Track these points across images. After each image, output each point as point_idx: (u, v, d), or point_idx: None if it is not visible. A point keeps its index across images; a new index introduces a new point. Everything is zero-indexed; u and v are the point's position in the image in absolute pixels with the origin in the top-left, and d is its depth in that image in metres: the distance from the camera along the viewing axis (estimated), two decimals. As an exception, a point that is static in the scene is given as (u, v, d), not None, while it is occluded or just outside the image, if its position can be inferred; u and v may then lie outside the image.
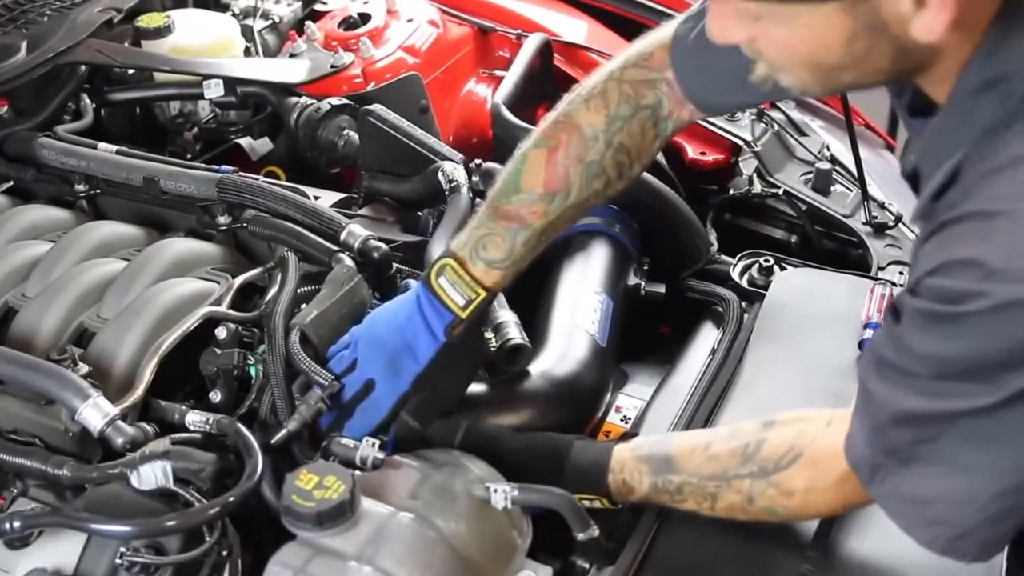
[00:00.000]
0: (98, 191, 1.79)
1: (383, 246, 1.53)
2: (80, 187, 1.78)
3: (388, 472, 1.20)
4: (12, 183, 1.84)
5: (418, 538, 1.10)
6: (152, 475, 1.18)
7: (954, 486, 0.98)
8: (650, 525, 1.27)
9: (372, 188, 1.82)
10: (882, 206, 1.79)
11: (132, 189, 1.75)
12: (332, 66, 2.03)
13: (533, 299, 1.54)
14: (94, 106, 2.03)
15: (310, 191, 1.70)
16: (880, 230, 1.76)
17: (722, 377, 1.49)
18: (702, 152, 1.98)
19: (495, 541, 1.16)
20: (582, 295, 1.55)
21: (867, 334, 1.46)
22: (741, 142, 1.94)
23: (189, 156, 2.08)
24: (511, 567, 1.15)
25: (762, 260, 1.69)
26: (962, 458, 0.97)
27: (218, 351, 1.39)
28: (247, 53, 2.21)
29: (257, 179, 1.68)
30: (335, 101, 1.94)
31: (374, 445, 1.22)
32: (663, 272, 1.68)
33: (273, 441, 1.26)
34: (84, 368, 1.33)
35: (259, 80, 2.00)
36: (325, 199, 1.71)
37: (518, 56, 2.10)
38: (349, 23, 2.21)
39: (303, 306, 1.43)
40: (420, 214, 1.77)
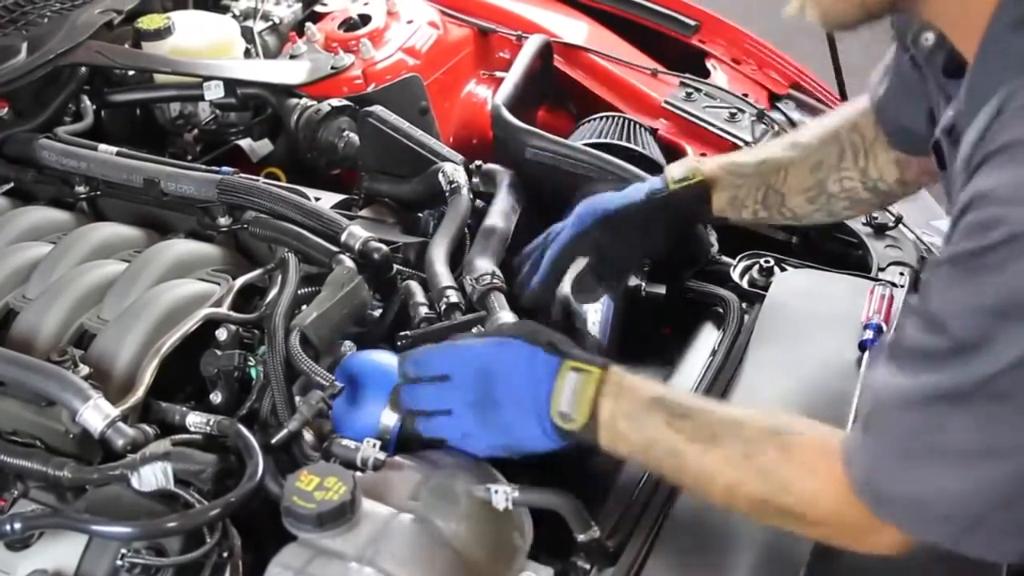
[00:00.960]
0: (98, 192, 1.79)
1: (384, 247, 1.53)
2: (80, 188, 1.79)
3: (389, 473, 1.20)
4: (12, 184, 1.84)
5: (419, 539, 1.10)
6: (153, 476, 1.18)
7: (962, 477, 0.96)
8: (651, 526, 1.27)
9: (372, 189, 1.82)
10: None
11: (132, 190, 1.75)
12: (332, 67, 2.03)
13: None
14: (94, 107, 2.03)
15: (310, 192, 1.70)
16: (880, 231, 1.75)
17: (723, 378, 1.49)
18: (702, 153, 1.98)
19: (496, 542, 1.16)
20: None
21: (867, 335, 1.46)
22: (741, 143, 1.94)
23: (189, 157, 2.08)
24: (512, 568, 1.15)
25: (762, 261, 1.68)
26: (970, 444, 0.94)
27: (219, 352, 1.39)
28: (247, 54, 2.21)
29: (257, 180, 1.68)
30: (335, 102, 1.94)
31: (375, 446, 1.22)
32: (663, 273, 1.68)
33: (274, 441, 1.26)
34: (84, 369, 1.33)
35: (259, 81, 2.00)
36: (325, 200, 1.71)
37: (518, 57, 2.10)
38: (349, 24, 2.21)
39: (304, 307, 1.43)
40: (420, 215, 1.77)
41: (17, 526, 1.15)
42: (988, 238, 0.89)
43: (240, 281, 1.51)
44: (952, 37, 1.02)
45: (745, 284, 1.66)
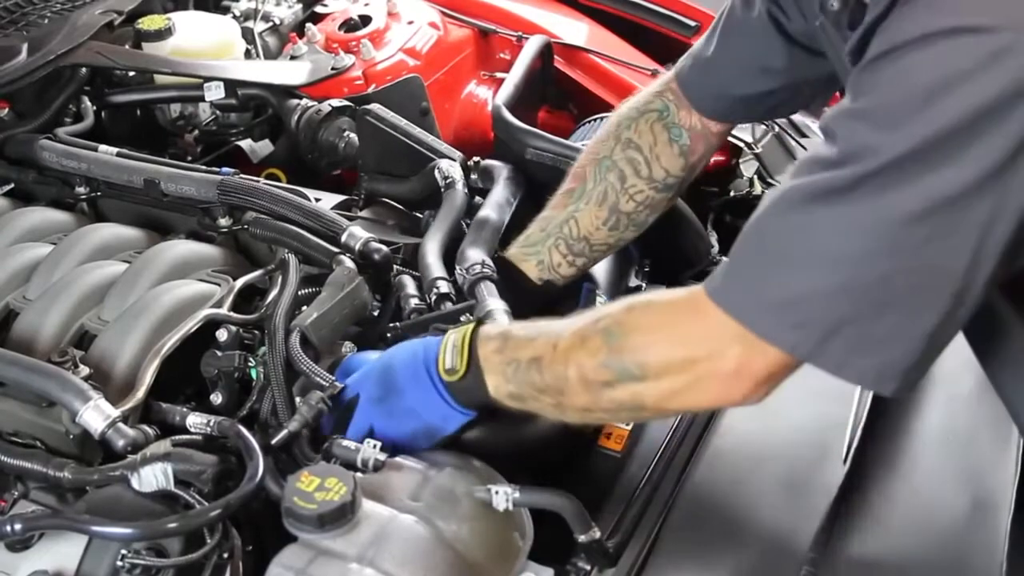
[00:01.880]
0: (99, 193, 1.79)
1: (384, 248, 1.53)
2: (81, 189, 1.79)
3: (389, 474, 1.20)
4: (13, 185, 1.84)
5: (419, 540, 1.10)
6: (153, 477, 1.18)
7: (821, 280, 0.99)
8: (652, 527, 1.27)
9: (372, 189, 1.82)
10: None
11: (133, 191, 1.75)
12: (333, 68, 2.03)
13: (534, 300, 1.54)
14: (95, 108, 2.04)
15: (311, 193, 1.70)
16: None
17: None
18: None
19: (497, 543, 1.16)
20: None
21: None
22: (742, 143, 1.94)
23: (190, 158, 2.08)
24: (513, 569, 1.15)
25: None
26: (832, 247, 0.98)
27: (219, 353, 1.39)
28: (248, 55, 2.21)
29: (258, 181, 1.68)
30: (336, 103, 1.94)
31: (375, 447, 1.22)
32: (664, 274, 1.69)
33: (273, 442, 1.26)
34: (85, 370, 1.33)
35: (260, 82, 2.00)
36: (326, 201, 1.71)
37: (519, 58, 2.11)
38: (350, 25, 2.21)
39: (304, 308, 1.43)
40: (421, 215, 1.77)
41: (18, 527, 1.15)
42: (871, 57, 0.97)
43: (240, 282, 1.50)
44: None
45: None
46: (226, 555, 1.17)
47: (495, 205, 1.66)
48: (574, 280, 1.54)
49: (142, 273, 1.51)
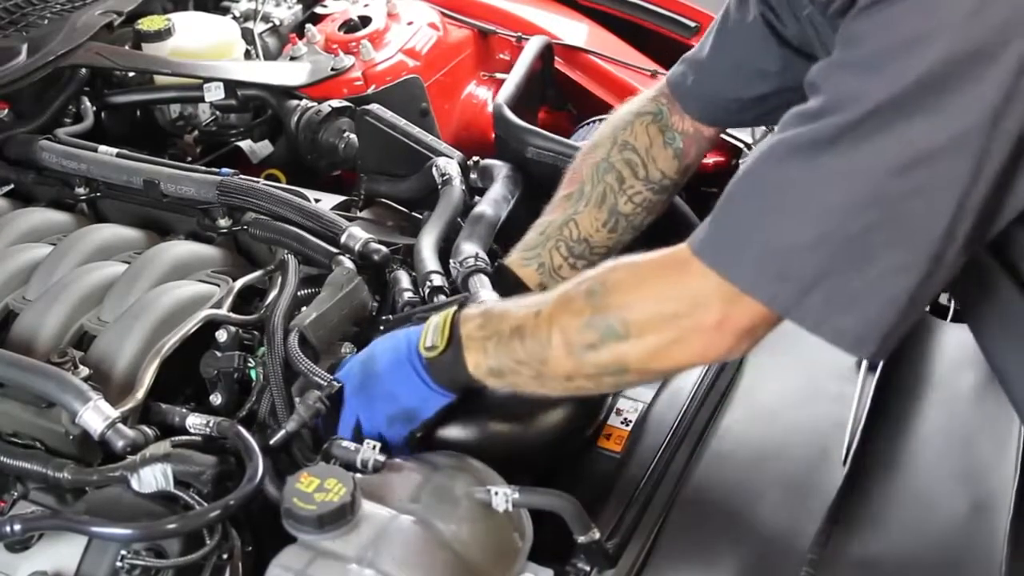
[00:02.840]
0: (98, 194, 1.79)
1: (383, 248, 1.53)
2: (80, 190, 1.79)
3: (389, 475, 1.20)
4: (12, 186, 1.84)
5: (419, 541, 1.10)
6: (152, 478, 1.18)
7: (802, 232, 0.99)
8: (651, 528, 1.27)
9: (371, 190, 1.82)
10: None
11: (132, 192, 1.75)
12: (332, 69, 2.04)
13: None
14: (94, 109, 2.04)
15: (310, 194, 1.70)
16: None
17: (722, 381, 1.49)
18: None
19: (496, 544, 1.16)
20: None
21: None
22: (741, 144, 1.94)
23: (189, 159, 2.09)
24: (512, 570, 1.15)
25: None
26: (814, 198, 0.99)
27: (218, 354, 1.39)
28: (247, 56, 2.21)
29: (257, 182, 1.68)
30: (335, 104, 1.94)
31: (375, 448, 1.22)
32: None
33: (272, 442, 1.26)
34: (84, 371, 1.33)
35: (259, 83, 2.01)
36: (325, 202, 1.71)
37: (519, 58, 2.11)
38: (349, 26, 2.21)
39: (303, 308, 1.43)
40: (420, 215, 1.77)
41: (17, 527, 1.15)
42: (858, 8, 0.97)
43: (240, 283, 1.51)
44: None
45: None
46: (225, 556, 1.17)
47: (492, 201, 1.66)
48: None
49: (141, 274, 1.51)
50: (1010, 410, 1.18)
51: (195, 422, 1.30)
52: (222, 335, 1.40)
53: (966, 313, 1.19)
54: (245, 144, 2.11)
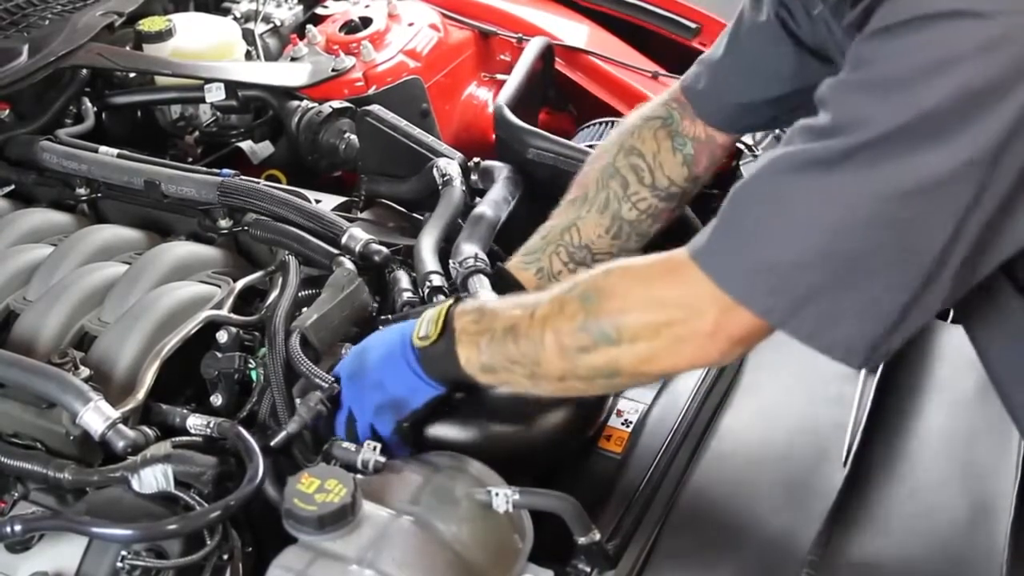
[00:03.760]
0: (99, 195, 1.79)
1: (384, 249, 1.54)
2: (81, 191, 1.79)
3: (389, 476, 1.20)
4: (13, 187, 1.84)
5: (419, 542, 1.10)
6: (153, 478, 1.18)
7: (798, 246, 1.00)
8: (652, 529, 1.27)
9: (372, 190, 1.82)
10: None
11: (133, 193, 1.75)
12: (333, 70, 2.04)
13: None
14: (95, 110, 2.04)
15: (311, 195, 1.70)
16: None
17: (722, 382, 1.49)
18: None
19: (496, 544, 1.16)
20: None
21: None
22: (743, 146, 1.94)
23: (190, 160, 2.09)
24: (512, 570, 1.15)
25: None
26: (813, 214, 0.99)
27: (219, 355, 1.39)
28: (248, 57, 2.21)
29: (258, 183, 1.68)
30: (336, 104, 1.94)
31: (375, 449, 1.22)
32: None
33: (273, 443, 1.26)
34: (85, 372, 1.33)
35: (260, 84, 2.01)
36: (326, 203, 1.71)
37: (520, 59, 2.11)
38: (350, 27, 2.21)
39: (304, 309, 1.43)
40: (421, 216, 1.77)
41: (17, 528, 1.15)
42: (871, 31, 0.98)
43: (241, 283, 1.51)
44: None
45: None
46: (226, 556, 1.17)
47: (492, 202, 1.66)
48: None
49: (142, 274, 1.51)
50: (1011, 412, 1.18)
51: (195, 423, 1.30)
52: (223, 336, 1.40)
53: (962, 316, 1.19)
54: (246, 145, 2.11)
